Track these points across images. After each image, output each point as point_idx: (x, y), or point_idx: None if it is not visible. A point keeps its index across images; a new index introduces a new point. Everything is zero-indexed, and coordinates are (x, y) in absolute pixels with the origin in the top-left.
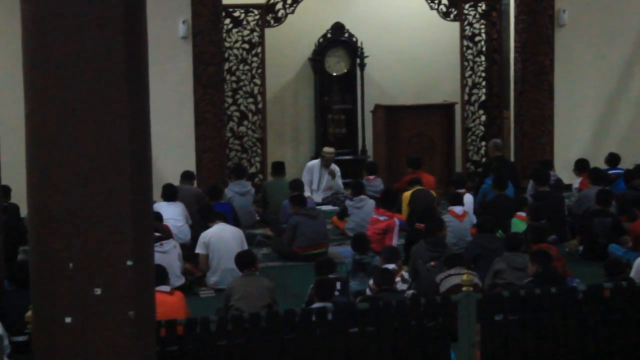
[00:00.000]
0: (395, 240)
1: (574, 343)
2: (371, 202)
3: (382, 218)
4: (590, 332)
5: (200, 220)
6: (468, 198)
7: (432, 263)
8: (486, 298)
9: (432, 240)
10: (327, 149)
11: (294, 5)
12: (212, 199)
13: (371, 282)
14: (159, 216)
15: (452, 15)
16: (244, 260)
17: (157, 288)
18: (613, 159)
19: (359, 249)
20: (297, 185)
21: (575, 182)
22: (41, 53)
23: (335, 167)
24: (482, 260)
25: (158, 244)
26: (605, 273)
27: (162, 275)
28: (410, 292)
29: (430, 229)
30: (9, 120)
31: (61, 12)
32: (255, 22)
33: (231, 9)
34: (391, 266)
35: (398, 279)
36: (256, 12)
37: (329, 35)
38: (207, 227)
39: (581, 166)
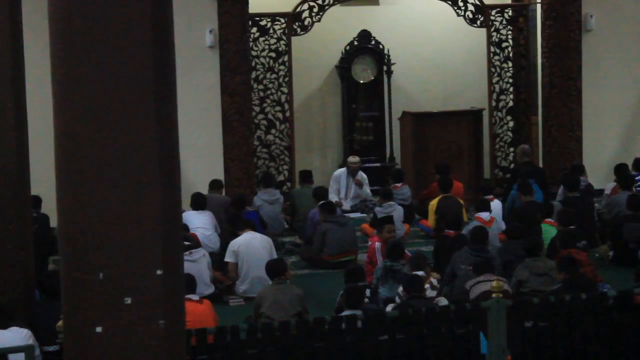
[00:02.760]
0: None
1: (604, 349)
2: (400, 208)
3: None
4: (621, 338)
5: (229, 229)
6: (496, 204)
7: (470, 267)
8: (516, 304)
9: (477, 247)
10: (351, 159)
11: (321, 13)
12: (238, 209)
13: (400, 289)
14: (184, 226)
15: (478, 22)
16: (275, 269)
17: (187, 297)
18: (639, 164)
19: (392, 256)
20: (321, 192)
21: (607, 187)
22: (69, 64)
23: (362, 175)
24: (512, 267)
25: (187, 252)
26: (635, 278)
27: (190, 284)
28: (441, 298)
29: (476, 237)
30: (38, 131)
31: (89, 23)
32: (282, 30)
33: (258, 18)
34: (420, 273)
35: (427, 285)
36: (283, 20)
37: (355, 43)
38: (236, 236)
39: (620, 172)
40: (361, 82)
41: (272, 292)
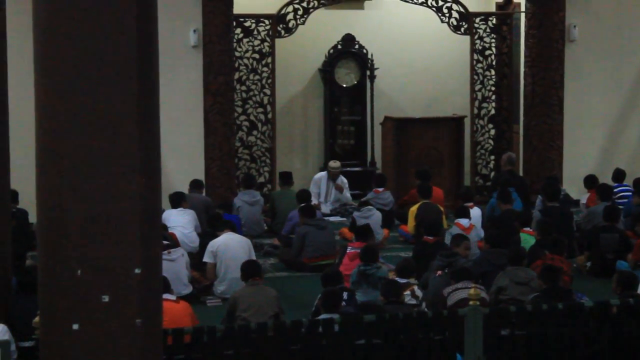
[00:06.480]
0: None
1: (580, 359)
2: (378, 214)
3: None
4: (597, 349)
5: (208, 229)
6: (476, 212)
7: (439, 272)
8: (493, 312)
9: (444, 252)
10: (332, 164)
11: (305, 16)
12: (225, 210)
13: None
14: (163, 225)
15: (462, 29)
16: (249, 270)
17: (164, 296)
18: (619, 175)
19: (366, 259)
20: (305, 195)
21: (583, 197)
22: (52, 59)
23: (343, 180)
24: (489, 276)
25: (166, 252)
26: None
27: (165, 284)
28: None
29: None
30: (19, 126)
31: (74, 19)
32: (266, 32)
33: (242, 19)
34: (404, 280)
35: (408, 292)
36: (267, 22)
37: (339, 47)
38: (216, 236)
39: (590, 182)
40: (344, 86)
41: (248, 294)
